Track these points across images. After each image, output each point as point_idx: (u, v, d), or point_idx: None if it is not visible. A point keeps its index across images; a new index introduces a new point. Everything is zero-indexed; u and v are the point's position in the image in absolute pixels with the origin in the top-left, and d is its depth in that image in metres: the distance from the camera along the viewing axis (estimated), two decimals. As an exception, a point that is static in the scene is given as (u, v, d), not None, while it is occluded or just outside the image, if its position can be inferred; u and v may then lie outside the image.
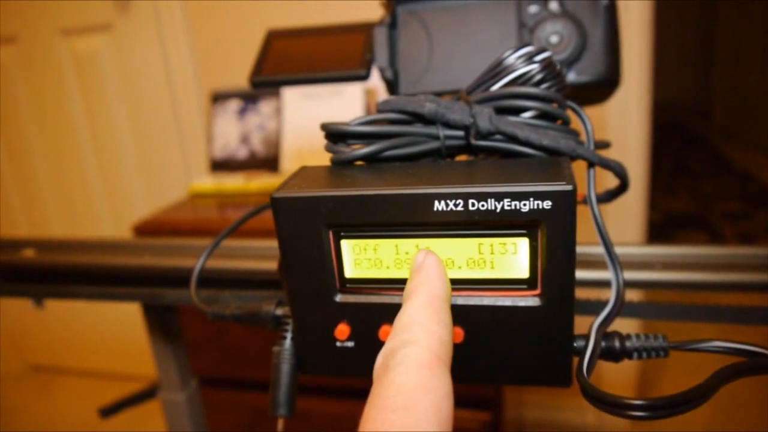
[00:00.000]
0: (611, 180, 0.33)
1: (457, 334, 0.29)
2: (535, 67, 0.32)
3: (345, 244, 0.29)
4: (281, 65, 0.49)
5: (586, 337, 0.29)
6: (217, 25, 1.44)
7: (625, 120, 1.26)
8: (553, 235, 0.26)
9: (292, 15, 1.35)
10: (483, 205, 0.26)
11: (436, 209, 0.27)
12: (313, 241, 0.29)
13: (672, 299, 0.48)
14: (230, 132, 1.37)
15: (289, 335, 0.35)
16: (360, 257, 0.30)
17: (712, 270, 0.48)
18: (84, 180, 1.68)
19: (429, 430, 0.20)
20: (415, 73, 0.45)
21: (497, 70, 0.33)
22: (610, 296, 0.31)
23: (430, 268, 0.27)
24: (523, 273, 0.28)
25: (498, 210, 0.26)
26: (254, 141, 1.35)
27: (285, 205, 0.29)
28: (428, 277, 0.26)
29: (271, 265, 0.57)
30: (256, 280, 0.58)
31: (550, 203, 0.25)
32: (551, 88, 0.33)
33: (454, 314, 0.29)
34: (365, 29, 0.48)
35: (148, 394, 0.83)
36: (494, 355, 0.29)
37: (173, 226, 1.13)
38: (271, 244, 0.61)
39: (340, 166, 0.33)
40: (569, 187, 0.25)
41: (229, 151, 1.37)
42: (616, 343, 0.29)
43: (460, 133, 0.33)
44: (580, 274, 0.47)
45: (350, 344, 0.31)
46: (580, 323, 0.29)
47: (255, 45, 0.58)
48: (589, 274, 0.48)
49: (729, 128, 3.71)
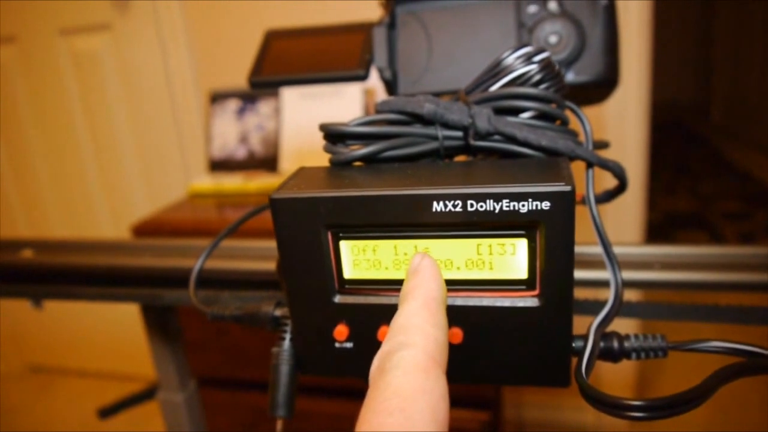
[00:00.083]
0: (610, 180, 0.33)
1: (456, 334, 0.29)
2: (533, 67, 0.32)
3: (344, 244, 0.29)
4: (280, 65, 0.49)
5: (585, 338, 0.29)
6: (216, 25, 1.44)
7: (624, 120, 1.26)
8: (552, 235, 0.26)
9: (290, 15, 1.35)
10: (482, 206, 0.26)
11: (434, 210, 0.27)
12: (311, 241, 0.29)
13: (671, 299, 0.48)
14: (229, 132, 1.37)
15: (288, 336, 0.35)
16: (359, 258, 0.30)
17: (711, 270, 0.48)
18: (83, 180, 1.68)
19: (425, 431, 0.20)
20: (414, 74, 0.45)
21: (496, 71, 0.33)
22: (609, 296, 0.31)
23: (426, 270, 0.27)
24: (522, 274, 0.28)
25: (497, 211, 0.26)
26: (253, 141, 1.35)
27: (284, 205, 0.29)
28: (424, 280, 0.26)
29: (270, 266, 0.57)
30: (255, 280, 0.58)
31: (548, 204, 0.25)
32: (550, 89, 0.33)
33: (453, 315, 0.29)
34: (364, 29, 0.48)
35: (147, 394, 0.83)
36: (493, 356, 0.29)
37: (172, 227, 1.13)
38: (270, 245, 0.61)
39: (339, 167, 0.33)
40: (568, 188, 0.25)
41: (228, 151, 1.37)
42: (615, 344, 0.29)
43: (459, 133, 0.33)
44: (578, 274, 0.47)
45: (349, 345, 0.31)
46: (579, 323, 0.29)
47: (254, 45, 0.58)
48: (588, 274, 0.48)
49: (728, 128, 3.71)
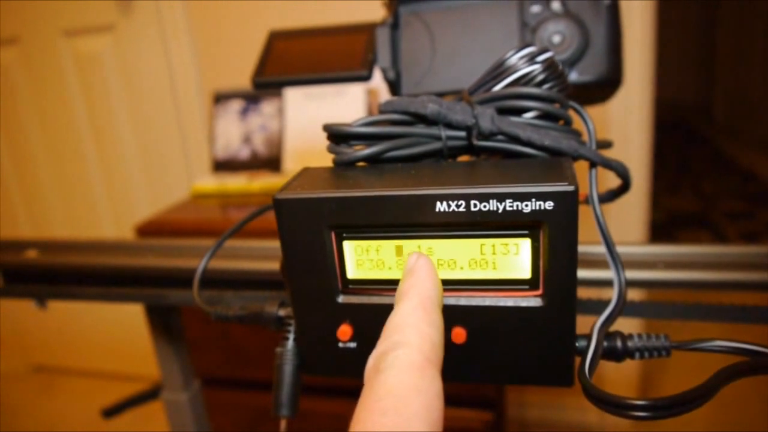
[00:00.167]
0: (613, 179, 0.33)
1: (460, 334, 0.29)
2: (537, 67, 0.32)
3: (347, 245, 0.30)
4: (283, 66, 0.49)
5: (588, 337, 0.29)
6: (219, 25, 1.44)
7: (627, 119, 1.25)
8: (555, 235, 0.26)
9: (293, 15, 1.35)
10: (485, 206, 0.26)
11: (438, 210, 0.27)
12: (315, 242, 0.29)
13: (674, 298, 0.48)
14: (232, 132, 1.37)
15: (291, 336, 0.35)
16: (362, 258, 0.30)
17: (714, 269, 0.48)
18: (86, 181, 1.69)
19: (419, 431, 0.20)
20: (418, 74, 0.45)
21: (499, 71, 0.33)
22: (612, 296, 0.31)
23: (421, 270, 0.27)
24: (525, 273, 0.28)
25: (500, 211, 0.26)
26: (256, 141, 1.35)
27: (288, 206, 0.29)
28: (420, 279, 0.26)
29: (274, 266, 0.57)
30: (259, 280, 0.58)
31: (552, 204, 0.25)
32: (553, 89, 0.33)
33: (456, 315, 0.29)
34: (367, 30, 0.48)
35: (150, 394, 0.83)
36: (496, 355, 0.29)
37: (176, 227, 1.13)
38: (274, 245, 0.61)
39: (343, 167, 0.33)
40: (571, 188, 0.25)
41: (232, 151, 1.37)
42: (618, 343, 0.29)
43: (462, 133, 0.33)
44: (581, 274, 0.47)
45: (352, 345, 0.31)
46: (582, 323, 0.29)
47: (257, 45, 0.58)
48: (591, 273, 0.48)
49: (731, 127, 3.70)
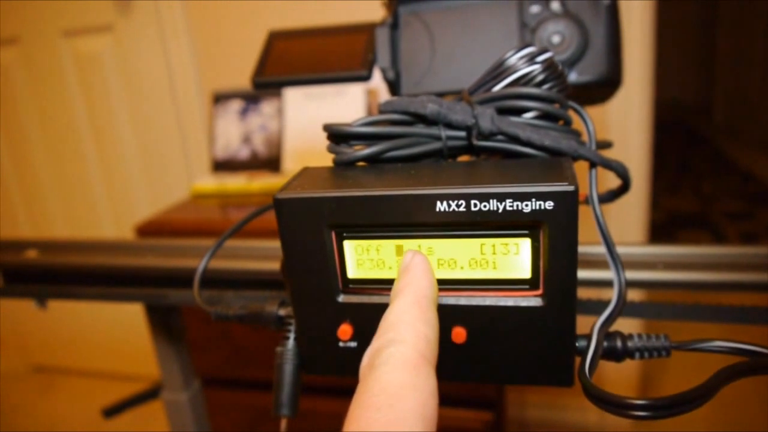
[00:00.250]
0: (613, 179, 0.33)
1: (460, 334, 0.29)
2: (536, 67, 0.32)
3: (347, 244, 0.30)
4: (283, 66, 0.49)
5: (588, 337, 0.29)
6: (218, 25, 1.44)
7: (626, 119, 1.25)
8: (555, 235, 0.26)
9: (293, 15, 1.35)
10: (485, 206, 0.26)
11: (438, 210, 0.27)
12: (315, 241, 0.29)
13: (674, 299, 0.48)
14: (232, 132, 1.37)
15: (291, 335, 0.35)
16: (362, 258, 0.30)
17: (714, 270, 0.48)
18: (86, 181, 1.69)
19: (413, 428, 0.20)
20: (417, 74, 0.45)
21: (499, 71, 0.33)
22: (612, 296, 0.31)
23: (417, 267, 0.27)
24: (525, 273, 0.28)
25: (500, 210, 0.26)
26: (256, 141, 1.35)
27: (288, 205, 0.29)
28: (415, 277, 0.26)
29: (274, 266, 0.57)
30: (259, 280, 0.58)
31: (552, 204, 0.25)
32: (553, 89, 0.33)
33: (456, 314, 0.29)
34: (367, 30, 0.48)
35: (151, 394, 0.84)
36: (497, 355, 0.29)
37: (175, 227, 1.13)
38: (274, 245, 0.61)
39: (343, 167, 0.33)
40: (571, 188, 0.25)
41: (231, 151, 1.37)
42: (618, 343, 0.29)
43: (462, 133, 0.33)
44: (581, 274, 0.47)
45: (353, 344, 0.31)
46: (582, 323, 0.30)
47: (256, 45, 0.58)
48: (591, 273, 0.48)
49: (731, 127, 3.70)
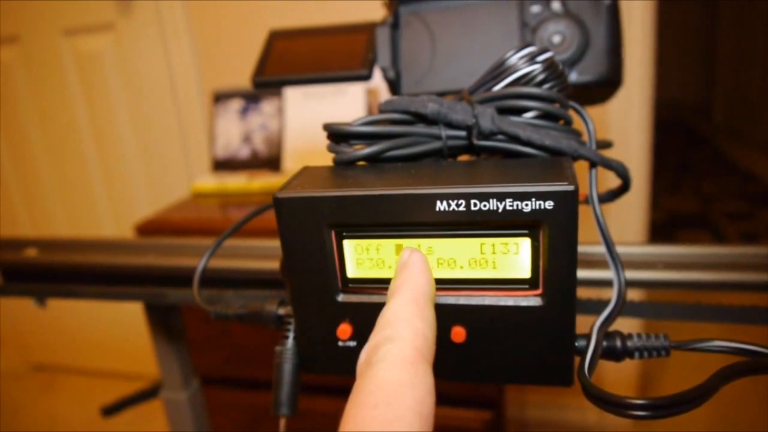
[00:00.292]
0: (613, 179, 0.34)
1: (460, 333, 0.29)
2: (537, 67, 0.32)
3: (347, 244, 0.30)
4: (284, 65, 0.49)
5: (588, 337, 0.29)
6: (218, 24, 1.44)
7: (627, 119, 1.25)
8: (555, 235, 0.26)
9: (293, 15, 1.35)
10: (485, 205, 0.26)
11: (438, 209, 0.27)
12: (315, 241, 0.29)
13: (673, 299, 0.48)
14: (232, 131, 1.37)
15: (291, 335, 0.35)
16: (362, 257, 0.30)
17: (713, 269, 0.48)
18: (86, 180, 1.68)
19: (410, 425, 0.20)
20: (418, 73, 0.45)
21: (499, 71, 0.33)
22: (612, 296, 0.31)
23: (414, 265, 0.27)
24: (525, 273, 0.28)
25: (500, 210, 0.26)
26: (256, 140, 1.35)
27: (288, 205, 0.29)
28: (413, 275, 0.26)
29: (273, 265, 0.57)
30: (258, 279, 0.58)
31: (552, 203, 0.25)
32: (553, 89, 0.33)
33: (456, 314, 0.29)
34: (367, 29, 0.48)
35: (150, 393, 0.84)
36: (496, 355, 0.29)
37: (175, 226, 1.13)
38: (273, 244, 0.61)
39: (343, 166, 0.33)
40: (571, 188, 0.25)
41: (231, 150, 1.37)
42: (618, 343, 0.29)
43: (463, 133, 0.33)
44: (581, 274, 0.47)
45: (352, 344, 0.31)
46: (582, 323, 0.30)
47: (257, 45, 0.58)
48: (591, 273, 0.48)
49: (731, 127, 3.70)
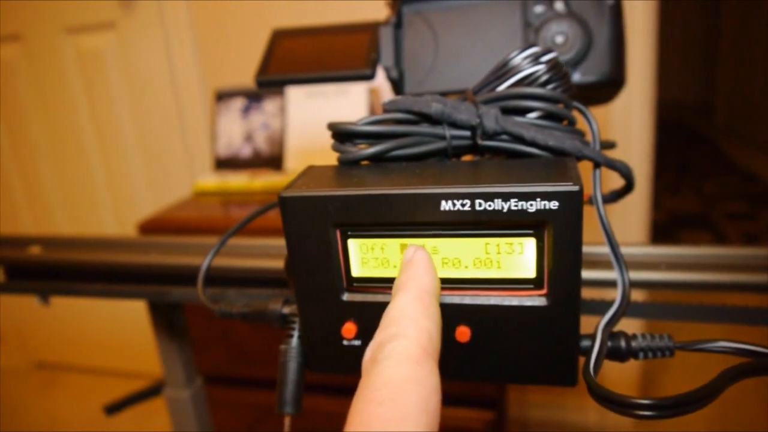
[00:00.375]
0: (615, 180, 0.34)
1: (464, 333, 0.29)
2: (541, 67, 0.32)
3: (352, 243, 0.30)
4: (287, 65, 0.49)
5: (593, 337, 0.29)
6: (221, 23, 1.44)
7: (628, 120, 1.25)
8: (560, 235, 0.26)
9: (296, 14, 1.35)
10: (490, 205, 0.26)
11: (443, 209, 0.27)
12: (320, 240, 0.29)
13: (676, 299, 0.48)
14: (234, 130, 1.38)
15: (295, 333, 0.35)
16: (367, 256, 0.30)
17: (717, 270, 0.48)
18: (88, 178, 1.69)
19: (416, 423, 0.20)
20: (421, 73, 0.45)
21: (503, 71, 0.33)
22: (616, 296, 0.31)
23: (419, 263, 0.27)
24: (530, 273, 0.28)
25: (505, 210, 0.26)
26: (258, 139, 1.35)
27: (293, 204, 0.29)
28: (417, 272, 0.26)
29: (276, 264, 0.57)
30: (261, 278, 0.58)
31: (556, 203, 0.26)
32: (557, 89, 0.33)
33: (461, 314, 0.29)
34: (370, 29, 0.48)
35: (153, 391, 0.84)
36: (501, 355, 0.29)
37: (178, 224, 1.13)
38: (276, 243, 0.61)
39: (347, 166, 0.33)
40: (576, 188, 0.25)
41: (233, 149, 1.37)
42: (622, 343, 0.29)
43: (467, 133, 0.33)
44: (585, 274, 0.47)
45: (357, 343, 0.31)
46: (585, 323, 0.30)
47: (259, 44, 0.58)
48: (594, 273, 0.48)
49: (732, 128, 3.70)
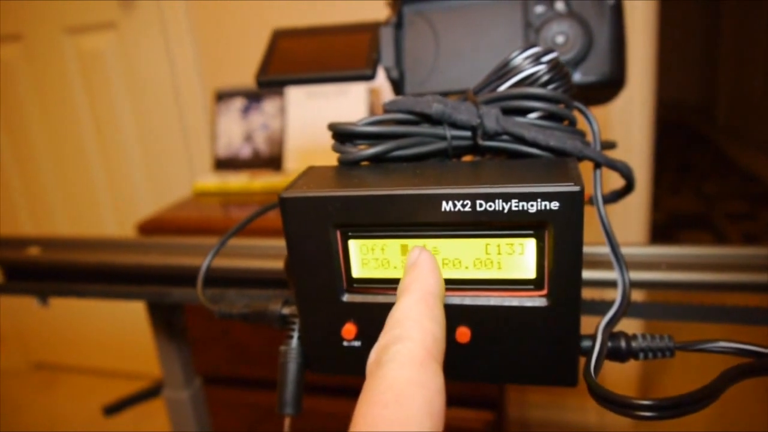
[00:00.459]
0: (615, 180, 0.34)
1: (464, 334, 0.29)
2: (542, 68, 0.32)
3: (352, 243, 0.30)
4: (287, 65, 0.49)
5: (593, 337, 0.29)
6: (221, 23, 1.44)
7: (628, 120, 1.25)
8: (561, 235, 0.26)
9: (297, 14, 1.35)
10: (490, 206, 0.26)
11: (443, 209, 0.27)
12: (320, 240, 0.29)
13: (676, 299, 0.48)
14: (234, 131, 1.37)
15: (295, 334, 0.35)
16: (367, 257, 0.30)
17: (717, 270, 0.48)
18: (88, 178, 1.69)
19: (420, 425, 0.20)
20: (421, 73, 0.45)
21: (504, 71, 0.33)
22: (616, 296, 0.31)
23: (423, 264, 0.27)
24: (530, 273, 0.28)
25: (505, 210, 0.26)
26: (258, 140, 1.35)
27: (293, 204, 0.29)
28: (422, 274, 0.26)
29: (276, 264, 0.57)
30: (260, 278, 0.58)
31: (557, 204, 0.25)
32: (558, 89, 0.33)
33: (461, 314, 0.29)
34: (371, 29, 0.48)
35: (152, 392, 0.84)
36: (501, 355, 0.29)
37: (177, 225, 1.13)
38: (275, 243, 0.61)
39: (348, 166, 0.33)
40: (577, 188, 0.25)
41: (233, 149, 1.37)
42: (623, 344, 0.29)
43: (467, 133, 0.33)
44: (585, 274, 0.47)
45: (357, 344, 0.31)
46: (586, 323, 0.30)
47: (259, 44, 0.58)
48: (595, 274, 0.48)
49: (733, 128, 3.70)
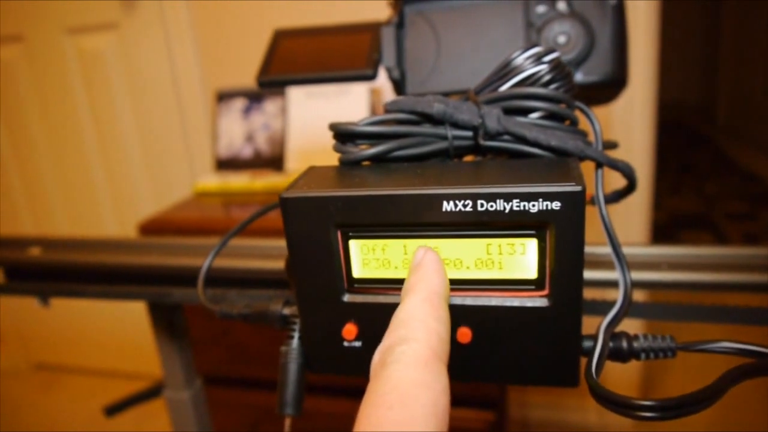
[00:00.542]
0: (617, 180, 0.33)
1: (466, 334, 0.29)
2: (543, 67, 0.32)
3: (353, 244, 0.30)
4: (288, 65, 0.49)
5: (594, 338, 0.29)
6: (222, 24, 1.44)
7: (629, 120, 1.25)
8: (562, 235, 0.26)
9: (297, 14, 1.35)
10: (492, 206, 0.26)
11: (444, 209, 0.27)
12: (321, 240, 0.29)
13: (677, 299, 0.48)
14: (235, 131, 1.38)
15: (296, 334, 0.35)
16: (368, 257, 0.30)
17: (717, 270, 0.48)
18: (89, 178, 1.69)
19: (425, 426, 0.20)
20: (423, 73, 0.45)
21: (506, 71, 0.33)
22: (618, 296, 0.31)
23: (428, 265, 0.27)
24: (532, 273, 0.28)
25: (507, 210, 0.26)
26: (259, 140, 1.35)
27: (294, 204, 0.29)
28: (427, 274, 0.26)
29: (277, 264, 0.57)
30: (261, 279, 0.58)
31: (559, 204, 0.25)
32: (560, 89, 0.33)
33: (462, 314, 0.29)
34: (372, 29, 0.48)
35: (152, 392, 0.84)
36: (502, 355, 0.29)
37: (178, 225, 1.13)
38: (277, 243, 0.61)
39: (349, 166, 0.33)
40: (578, 188, 0.25)
41: (234, 150, 1.37)
42: (624, 344, 0.29)
43: (469, 133, 0.33)
44: (586, 275, 0.47)
45: (358, 344, 0.31)
46: (587, 323, 0.29)
47: (260, 44, 0.58)
48: (596, 274, 0.48)
49: (733, 128, 3.70)
